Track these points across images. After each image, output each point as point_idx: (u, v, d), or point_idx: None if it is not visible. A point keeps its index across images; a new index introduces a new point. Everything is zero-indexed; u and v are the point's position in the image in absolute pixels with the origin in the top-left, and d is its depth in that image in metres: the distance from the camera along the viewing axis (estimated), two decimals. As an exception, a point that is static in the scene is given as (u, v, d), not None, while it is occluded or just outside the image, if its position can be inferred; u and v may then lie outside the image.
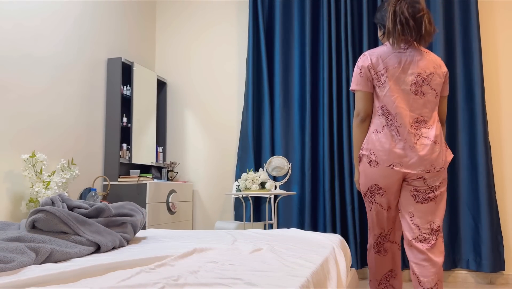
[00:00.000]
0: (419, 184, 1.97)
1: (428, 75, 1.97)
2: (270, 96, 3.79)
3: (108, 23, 3.69)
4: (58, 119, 3.08)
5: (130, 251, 1.72)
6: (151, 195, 3.38)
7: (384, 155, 1.96)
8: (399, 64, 1.97)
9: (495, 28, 3.50)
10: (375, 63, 2.00)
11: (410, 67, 1.97)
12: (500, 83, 3.46)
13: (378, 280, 2.17)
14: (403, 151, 1.93)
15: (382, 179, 1.99)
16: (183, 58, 4.29)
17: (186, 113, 4.22)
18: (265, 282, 1.15)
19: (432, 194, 1.97)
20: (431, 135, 1.94)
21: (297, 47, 3.77)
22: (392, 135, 1.96)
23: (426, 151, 1.92)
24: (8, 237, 1.57)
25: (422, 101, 1.96)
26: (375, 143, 1.99)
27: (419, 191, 1.98)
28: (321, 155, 3.62)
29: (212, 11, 4.24)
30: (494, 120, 3.44)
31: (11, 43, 2.73)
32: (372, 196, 2.06)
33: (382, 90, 1.99)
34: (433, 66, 1.99)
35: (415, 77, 1.96)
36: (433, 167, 1.93)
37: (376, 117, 2.03)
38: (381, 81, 1.99)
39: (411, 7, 1.94)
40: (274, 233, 2.24)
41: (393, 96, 1.96)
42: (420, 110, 1.96)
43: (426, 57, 1.99)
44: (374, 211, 2.08)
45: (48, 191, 2.64)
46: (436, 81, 1.99)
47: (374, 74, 2.01)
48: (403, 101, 1.96)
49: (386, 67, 1.98)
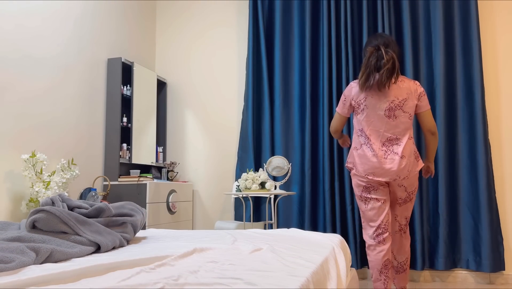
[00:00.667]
0: (400, 192, 2.50)
1: (400, 101, 2.41)
2: (270, 96, 3.79)
3: (108, 23, 3.69)
4: (58, 119, 3.08)
5: (130, 251, 1.72)
6: (151, 195, 3.38)
7: (361, 167, 2.46)
8: (376, 94, 2.41)
9: (495, 28, 3.50)
10: (356, 94, 2.48)
11: (384, 96, 2.40)
12: (500, 84, 3.46)
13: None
14: (375, 164, 2.41)
15: (368, 181, 2.47)
16: (183, 58, 4.29)
17: (186, 113, 4.22)
18: (265, 282, 1.15)
19: (409, 197, 2.52)
20: (399, 151, 2.40)
21: (297, 47, 3.77)
22: (369, 152, 2.43)
23: (392, 164, 2.40)
24: (8, 237, 1.58)
25: (395, 123, 2.41)
26: (355, 158, 2.50)
27: (401, 197, 2.51)
28: (321, 155, 3.62)
29: (212, 11, 4.24)
30: (494, 120, 3.44)
31: (12, 43, 2.73)
32: (365, 195, 2.51)
33: (361, 115, 2.47)
34: (406, 92, 2.42)
35: (388, 104, 2.40)
36: (398, 176, 2.42)
37: (356, 136, 2.53)
38: (361, 108, 2.46)
39: (377, 60, 2.36)
40: (274, 233, 2.24)
41: (369, 120, 2.43)
42: (393, 130, 2.41)
43: (399, 86, 2.42)
44: (370, 207, 2.51)
45: (48, 191, 2.64)
46: (409, 104, 2.43)
47: (355, 103, 2.50)
48: (378, 124, 2.42)
49: (365, 97, 2.44)
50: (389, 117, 2.40)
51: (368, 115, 2.44)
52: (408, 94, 2.41)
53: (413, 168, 2.44)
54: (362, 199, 2.53)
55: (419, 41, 3.51)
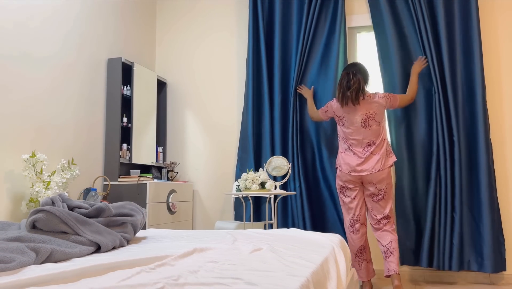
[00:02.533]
0: (372, 188, 3.03)
1: (372, 113, 3.02)
2: (270, 96, 3.79)
3: (108, 23, 3.69)
4: (58, 119, 3.08)
5: (130, 251, 1.73)
6: (151, 195, 3.38)
7: (345, 167, 3.07)
8: (351, 111, 3.05)
9: (496, 27, 3.50)
10: (336, 110, 3.13)
11: (359, 111, 3.03)
12: (501, 83, 3.46)
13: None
14: (354, 163, 3.02)
15: (346, 180, 3.08)
16: (183, 58, 4.29)
17: (186, 113, 4.22)
18: (265, 282, 1.15)
19: (380, 194, 3.03)
20: (375, 151, 3.02)
21: (297, 47, 3.77)
22: (351, 154, 3.06)
23: (370, 161, 3.01)
24: (9, 237, 1.58)
25: (370, 131, 3.03)
26: (340, 160, 3.12)
27: (373, 193, 3.03)
28: (320, 154, 3.62)
29: (212, 11, 4.24)
30: (496, 119, 3.44)
31: (12, 43, 2.73)
32: (344, 191, 3.12)
33: (343, 127, 3.10)
34: (375, 106, 3.03)
35: (362, 117, 3.03)
36: (374, 169, 2.99)
37: (341, 142, 3.16)
38: (343, 122, 3.10)
39: (347, 82, 3.01)
40: (274, 233, 2.24)
41: (349, 130, 3.07)
42: (370, 137, 3.03)
43: (370, 102, 3.03)
44: (347, 201, 3.12)
45: (48, 191, 2.64)
46: (379, 114, 3.04)
47: (336, 117, 3.15)
48: (356, 133, 3.05)
49: (343, 114, 3.09)
50: (365, 127, 3.02)
51: (347, 126, 3.07)
52: (377, 107, 3.04)
53: (384, 162, 3.01)
54: (340, 195, 3.15)
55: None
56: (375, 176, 2.98)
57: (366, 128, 3.02)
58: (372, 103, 3.03)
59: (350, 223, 3.11)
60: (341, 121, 3.11)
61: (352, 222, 3.11)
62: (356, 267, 3.11)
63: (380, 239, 3.05)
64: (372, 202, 3.06)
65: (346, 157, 3.07)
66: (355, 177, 3.02)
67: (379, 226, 3.05)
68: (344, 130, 3.10)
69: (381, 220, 3.04)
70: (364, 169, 2.99)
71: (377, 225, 3.06)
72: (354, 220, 3.10)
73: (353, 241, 3.12)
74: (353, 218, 3.10)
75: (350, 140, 3.07)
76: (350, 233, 3.12)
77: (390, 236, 3.02)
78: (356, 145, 3.04)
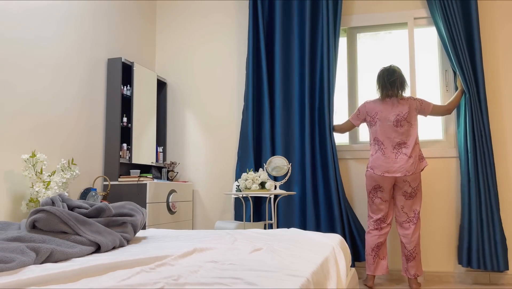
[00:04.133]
0: (406, 187, 3.11)
1: (404, 114, 3.13)
2: (270, 96, 3.79)
3: (108, 23, 3.69)
4: (58, 119, 3.08)
5: (130, 251, 1.73)
6: (151, 195, 3.38)
7: (377, 168, 3.13)
8: (386, 109, 3.17)
9: (495, 27, 3.50)
10: (370, 110, 3.24)
11: (392, 110, 3.15)
12: (500, 83, 3.46)
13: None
14: (388, 164, 3.10)
15: (380, 181, 3.14)
16: (183, 58, 4.29)
17: (186, 113, 4.22)
18: (265, 282, 1.15)
19: (413, 192, 3.12)
20: (408, 153, 3.09)
21: (297, 47, 3.77)
22: (382, 155, 3.13)
23: (403, 162, 3.07)
24: (9, 237, 1.58)
25: (402, 130, 3.12)
26: (373, 162, 3.17)
27: (406, 191, 3.12)
28: (321, 154, 3.62)
29: (212, 11, 4.24)
30: (496, 120, 3.44)
31: (12, 43, 2.73)
32: (374, 192, 3.18)
33: (375, 126, 3.19)
34: (407, 107, 3.14)
35: (395, 116, 3.13)
36: (407, 172, 3.06)
37: (372, 145, 3.23)
38: (374, 121, 3.20)
39: (388, 75, 3.18)
40: (274, 233, 2.24)
41: (381, 130, 3.16)
42: (401, 136, 3.12)
43: (402, 103, 3.16)
44: (377, 202, 3.18)
45: (48, 190, 2.64)
46: (411, 115, 3.14)
47: (368, 117, 3.25)
48: (388, 132, 3.13)
49: (377, 112, 3.20)
50: (397, 126, 3.11)
51: (380, 125, 3.16)
52: (409, 108, 3.14)
53: (417, 166, 3.09)
54: (370, 195, 3.20)
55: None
56: (409, 177, 3.06)
57: (398, 128, 3.10)
58: (405, 104, 3.14)
59: (376, 223, 3.17)
60: (373, 120, 3.19)
61: (379, 222, 3.17)
62: (370, 261, 3.17)
63: (406, 244, 3.12)
64: (404, 200, 3.13)
65: (378, 158, 3.13)
66: (389, 177, 3.09)
67: (409, 224, 3.11)
68: (376, 129, 3.17)
69: (412, 218, 3.12)
70: (398, 170, 3.05)
71: (407, 223, 3.12)
72: (381, 220, 3.17)
73: (372, 237, 3.17)
74: (381, 219, 3.17)
75: (381, 140, 3.14)
76: (373, 230, 3.17)
77: (415, 240, 3.10)
78: (387, 144, 3.11)
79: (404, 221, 3.14)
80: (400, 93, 3.16)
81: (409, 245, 3.11)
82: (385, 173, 3.08)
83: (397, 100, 3.16)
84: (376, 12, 3.78)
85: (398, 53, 3.80)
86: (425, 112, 3.20)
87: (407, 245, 3.12)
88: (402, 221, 3.15)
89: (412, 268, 3.11)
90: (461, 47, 3.34)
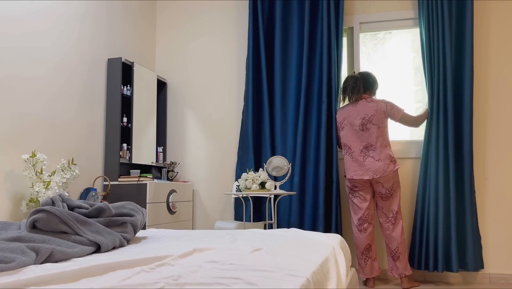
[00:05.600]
0: (379, 188, 3.18)
1: (370, 116, 3.18)
2: (270, 96, 3.79)
3: (108, 23, 3.69)
4: (58, 119, 3.08)
5: (130, 251, 1.73)
6: (151, 195, 3.38)
7: (347, 171, 3.27)
8: (352, 114, 3.25)
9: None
10: (338, 116, 3.37)
11: (358, 114, 3.22)
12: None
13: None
14: (356, 167, 3.20)
15: (353, 182, 3.24)
16: (183, 58, 4.29)
17: (186, 113, 4.22)
18: (265, 282, 1.15)
19: (388, 193, 3.18)
20: (375, 156, 3.16)
21: (296, 47, 3.77)
22: (350, 159, 3.24)
23: (370, 165, 3.15)
24: (9, 237, 1.58)
25: (368, 134, 3.19)
26: (345, 165, 3.31)
27: (381, 192, 3.18)
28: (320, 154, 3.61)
29: (212, 11, 4.24)
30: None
31: (11, 43, 2.73)
32: (353, 192, 3.28)
33: (343, 131, 3.31)
34: (374, 110, 3.18)
35: (361, 120, 3.20)
36: (375, 174, 3.13)
37: (343, 149, 3.33)
38: (342, 126, 3.32)
39: (344, 82, 3.33)
40: (274, 233, 2.24)
41: (348, 135, 3.26)
42: (367, 140, 3.19)
43: (368, 106, 3.21)
44: (356, 202, 3.26)
45: (48, 191, 2.64)
46: (378, 118, 3.19)
47: (338, 123, 3.38)
48: (354, 136, 3.23)
49: (344, 118, 3.30)
50: (363, 130, 3.19)
51: (346, 130, 3.27)
52: (376, 111, 3.19)
53: (387, 168, 3.12)
54: (349, 196, 3.31)
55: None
56: (381, 178, 3.12)
57: (363, 131, 3.18)
58: (372, 107, 3.19)
59: (358, 223, 3.23)
60: (341, 126, 3.31)
61: (361, 222, 3.23)
62: (362, 264, 3.23)
63: (389, 243, 3.20)
64: (381, 201, 3.20)
65: (347, 162, 3.25)
66: (359, 179, 3.18)
67: (388, 224, 3.18)
68: (344, 134, 3.27)
69: (390, 218, 3.18)
70: (365, 173, 3.14)
71: (387, 223, 3.19)
72: (362, 219, 3.23)
73: (360, 239, 3.22)
74: (362, 217, 3.23)
75: (348, 144, 3.24)
76: (358, 231, 3.23)
77: (397, 239, 3.15)
78: (354, 147, 3.20)
79: (384, 221, 3.21)
80: (354, 97, 3.23)
81: (391, 244, 3.18)
82: (354, 176, 3.18)
83: (364, 104, 3.21)
84: (377, 12, 3.77)
85: (398, 53, 3.80)
86: (394, 117, 3.22)
87: (389, 245, 3.19)
88: (382, 221, 3.22)
89: (397, 267, 3.17)
90: (438, 50, 3.33)
